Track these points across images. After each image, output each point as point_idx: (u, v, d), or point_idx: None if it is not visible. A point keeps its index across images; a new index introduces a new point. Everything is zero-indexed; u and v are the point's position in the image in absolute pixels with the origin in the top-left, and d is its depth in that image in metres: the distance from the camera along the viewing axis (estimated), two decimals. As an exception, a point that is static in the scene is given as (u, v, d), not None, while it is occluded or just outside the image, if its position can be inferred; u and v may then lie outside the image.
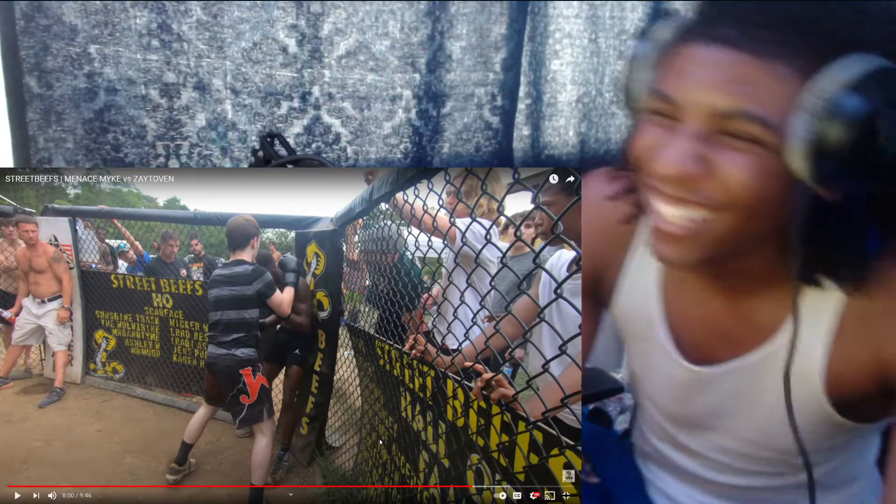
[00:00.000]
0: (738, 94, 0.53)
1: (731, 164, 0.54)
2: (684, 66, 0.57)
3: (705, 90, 0.54)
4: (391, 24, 1.44)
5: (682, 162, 0.55)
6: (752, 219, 0.56)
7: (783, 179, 0.54)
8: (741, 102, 0.53)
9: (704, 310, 0.72)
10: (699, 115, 0.55)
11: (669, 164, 0.56)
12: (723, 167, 0.55)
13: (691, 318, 0.74)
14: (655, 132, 0.59)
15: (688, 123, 0.56)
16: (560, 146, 1.79)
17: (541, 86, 1.70)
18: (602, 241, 0.80)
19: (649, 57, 0.62)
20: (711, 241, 0.58)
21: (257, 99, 1.39)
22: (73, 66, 1.26)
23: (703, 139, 0.55)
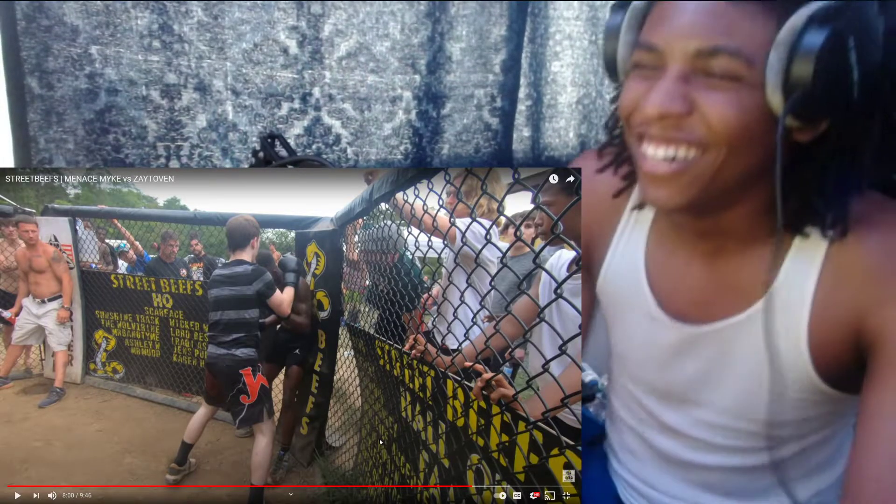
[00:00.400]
0: (718, 33, 0.56)
1: (713, 102, 0.57)
2: (664, 15, 0.61)
3: (686, 32, 0.58)
4: (391, 25, 1.44)
5: (666, 102, 0.58)
6: (734, 156, 0.59)
7: (763, 115, 0.57)
8: (721, 40, 0.56)
9: (688, 274, 0.74)
10: (681, 56, 0.58)
11: (654, 105, 0.59)
12: (705, 105, 0.58)
13: (676, 283, 0.75)
14: (639, 85, 0.62)
15: (671, 67, 0.59)
16: (560, 147, 1.79)
17: (541, 87, 1.71)
18: (592, 216, 0.83)
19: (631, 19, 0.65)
20: (697, 179, 0.61)
21: (258, 100, 1.39)
22: (75, 67, 1.26)
23: (685, 80, 0.58)
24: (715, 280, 0.71)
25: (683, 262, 0.74)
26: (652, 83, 0.60)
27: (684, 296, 0.74)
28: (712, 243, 0.70)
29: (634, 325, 0.80)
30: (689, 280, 0.74)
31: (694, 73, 0.58)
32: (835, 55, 0.54)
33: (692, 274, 0.73)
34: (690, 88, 0.58)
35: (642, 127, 0.62)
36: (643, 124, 0.61)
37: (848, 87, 0.55)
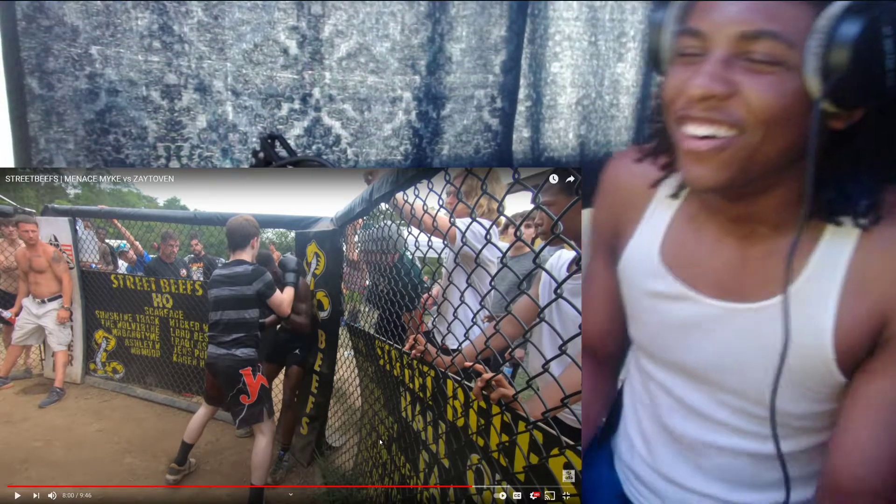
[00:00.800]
0: (761, 18, 0.60)
1: (754, 86, 0.61)
2: (709, 4, 0.64)
3: (731, 18, 0.62)
4: (391, 26, 1.44)
5: (709, 83, 0.62)
6: (771, 138, 0.62)
7: (800, 99, 0.60)
8: (764, 24, 0.60)
9: (715, 256, 0.76)
10: (726, 40, 0.62)
11: (698, 86, 0.62)
12: (746, 88, 0.61)
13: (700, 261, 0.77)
14: (683, 70, 0.66)
15: (715, 51, 0.63)
16: (560, 148, 1.79)
17: (540, 88, 1.71)
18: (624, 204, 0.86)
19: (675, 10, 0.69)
20: (735, 157, 0.63)
21: (258, 100, 1.39)
22: (75, 68, 1.26)
23: (728, 64, 0.62)
24: (743, 264, 0.73)
25: (711, 243, 0.76)
26: (695, 68, 0.64)
27: (709, 275, 0.76)
28: (744, 228, 0.73)
29: (652, 304, 0.81)
30: (716, 261, 0.76)
31: (736, 57, 0.61)
32: (870, 43, 0.57)
33: (720, 256, 0.75)
34: (732, 72, 0.61)
35: (685, 109, 0.65)
36: (686, 106, 0.65)
37: (883, 75, 0.58)
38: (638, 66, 1.82)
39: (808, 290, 0.66)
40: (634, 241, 0.84)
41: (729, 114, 0.62)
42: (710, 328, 0.76)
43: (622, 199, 0.87)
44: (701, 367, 0.78)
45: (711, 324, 0.75)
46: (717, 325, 0.75)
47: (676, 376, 0.82)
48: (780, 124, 0.61)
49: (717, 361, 0.76)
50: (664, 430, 0.85)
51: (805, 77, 0.59)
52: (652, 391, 0.87)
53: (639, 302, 0.84)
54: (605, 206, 0.90)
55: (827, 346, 0.66)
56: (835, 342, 0.66)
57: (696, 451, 0.82)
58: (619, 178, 0.87)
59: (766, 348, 0.70)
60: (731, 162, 0.64)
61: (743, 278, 0.73)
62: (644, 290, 0.82)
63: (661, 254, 0.80)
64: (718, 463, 0.80)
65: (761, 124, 0.61)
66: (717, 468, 0.81)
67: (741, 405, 0.76)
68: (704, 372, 0.78)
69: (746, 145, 0.62)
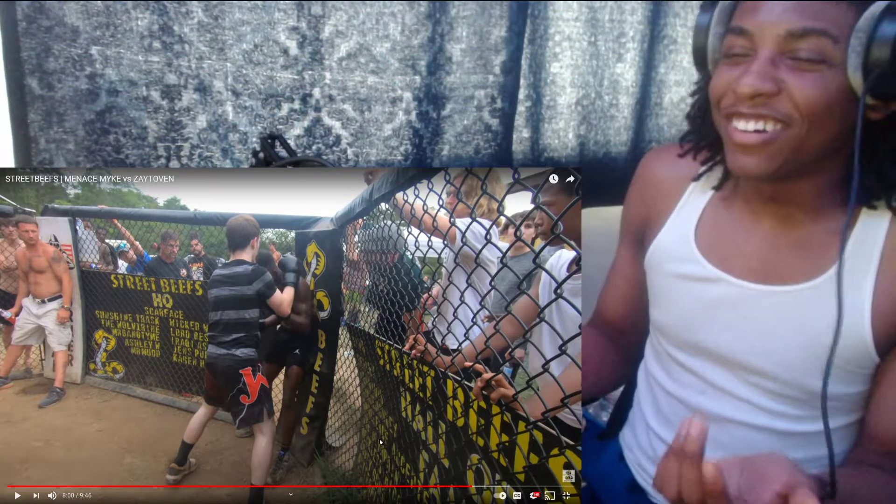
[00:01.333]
0: (807, 16, 0.64)
1: (800, 83, 0.65)
2: (755, 5, 0.68)
3: (777, 17, 0.65)
4: (392, 26, 1.44)
5: (759, 82, 0.66)
6: (816, 130, 0.66)
7: (844, 94, 0.64)
8: (809, 22, 0.63)
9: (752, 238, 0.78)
10: (773, 38, 0.66)
11: (748, 84, 0.66)
12: (792, 86, 0.65)
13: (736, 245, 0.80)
14: (731, 70, 0.70)
15: (762, 50, 0.66)
16: (559, 148, 1.79)
17: (540, 88, 1.71)
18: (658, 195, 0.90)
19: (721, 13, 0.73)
20: (783, 149, 0.68)
21: (258, 101, 1.39)
22: (75, 68, 1.26)
23: (774, 63, 0.66)
24: (778, 247, 0.76)
25: (746, 227, 0.79)
26: (743, 67, 0.68)
27: (744, 260, 0.79)
28: (780, 211, 0.76)
29: (684, 289, 0.84)
30: (751, 245, 0.78)
31: (782, 55, 0.66)
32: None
33: (755, 239, 0.78)
34: (779, 70, 0.66)
35: (735, 107, 0.69)
36: (736, 104, 0.69)
37: None
38: (637, 67, 1.82)
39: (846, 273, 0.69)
40: (666, 228, 0.88)
41: (776, 110, 0.66)
42: (744, 310, 0.78)
43: (658, 192, 0.90)
44: (730, 350, 0.80)
45: (745, 306, 0.78)
46: (751, 307, 0.77)
47: (703, 359, 0.84)
48: (825, 118, 0.65)
49: (749, 343, 0.78)
50: (687, 408, 0.87)
51: (848, 73, 0.63)
52: (675, 374, 0.88)
53: (667, 286, 0.87)
54: (639, 197, 0.94)
55: (865, 327, 0.69)
56: (872, 322, 0.69)
57: (722, 428, 0.82)
58: (657, 171, 0.92)
59: (804, 330, 0.72)
60: (779, 153, 0.68)
61: (778, 261, 0.76)
62: (675, 274, 0.85)
63: (696, 238, 0.83)
64: (744, 440, 0.81)
65: (807, 119, 0.65)
66: (742, 446, 0.81)
67: (773, 387, 0.77)
68: (733, 354, 0.80)
69: (793, 137, 0.66)
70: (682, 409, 0.87)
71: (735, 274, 0.79)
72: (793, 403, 0.76)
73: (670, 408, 0.89)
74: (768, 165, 0.69)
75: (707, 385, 0.83)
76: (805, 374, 0.74)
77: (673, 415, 0.89)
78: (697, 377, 0.84)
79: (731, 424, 0.81)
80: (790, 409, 0.77)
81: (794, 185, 0.72)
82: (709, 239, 0.83)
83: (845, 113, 0.65)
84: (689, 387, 0.86)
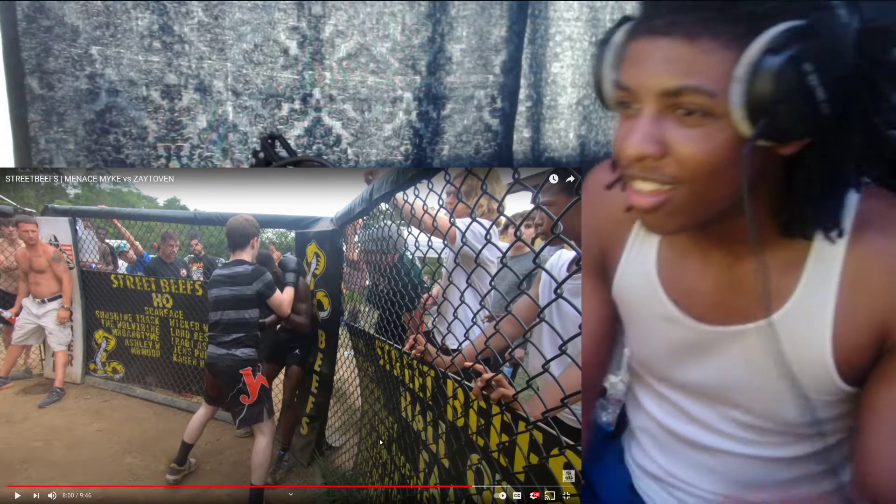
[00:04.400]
0: (678, 73, 0.59)
1: (684, 142, 0.61)
2: (634, 58, 0.64)
3: (650, 74, 0.61)
4: (392, 26, 1.44)
5: (642, 144, 0.62)
6: (714, 185, 0.62)
7: (736, 144, 0.59)
8: (682, 80, 0.59)
9: (706, 278, 0.75)
10: (652, 97, 0.61)
11: (632, 146, 0.62)
12: (677, 145, 0.61)
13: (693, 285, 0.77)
14: (624, 125, 0.66)
15: (646, 107, 0.62)
16: (560, 148, 1.79)
17: (541, 88, 1.71)
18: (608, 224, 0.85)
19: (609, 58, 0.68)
20: (680, 209, 0.64)
21: (258, 100, 1.39)
22: (75, 68, 1.26)
23: (658, 120, 0.62)
24: (733, 284, 0.73)
25: (700, 266, 0.76)
26: (631, 124, 0.64)
27: (703, 298, 0.76)
28: (727, 248, 0.73)
29: (652, 327, 0.81)
30: (707, 283, 0.75)
31: (664, 112, 0.61)
32: (793, 81, 0.55)
33: (709, 278, 0.75)
34: (664, 128, 0.61)
35: (629, 167, 0.65)
36: (627, 165, 0.65)
37: (815, 107, 0.56)
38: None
39: (805, 304, 0.67)
40: (627, 262, 0.84)
41: (662, 173, 0.62)
42: (709, 352, 0.76)
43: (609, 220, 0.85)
44: (702, 386, 0.78)
45: (709, 345, 0.75)
46: (714, 348, 0.75)
47: (680, 392, 0.83)
48: (718, 173, 0.61)
49: (720, 380, 0.76)
50: (673, 435, 0.86)
51: (735, 124, 0.58)
52: (658, 401, 0.87)
53: (636, 321, 0.84)
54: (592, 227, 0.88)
55: (827, 357, 0.66)
56: (834, 352, 0.66)
57: (707, 453, 0.82)
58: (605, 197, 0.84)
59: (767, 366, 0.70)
60: (677, 212, 0.64)
61: (734, 300, 0.73)
62: (641, 311, 0.82)
63: (659, 274, 0.80)
64: (733, 466, 0.80)
65: (695, 180, 0.61)
66: (729, 470, 0.81)
67: (749, 419, 0.76)
68: (707, 390, 0.78)
69: (686, 197, 0.63)
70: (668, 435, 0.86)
71: (696, 314, 0.76)
72: (771, 434, 0.76)
73: (658, 431, 0.89)
74: (670, 224, 0.66)
75: (689, 416, 0.83)
76: (777, 406, 0.72)
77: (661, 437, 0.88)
78: (679, 409, 0.83)
79: (719, 453, 0.80)
80: (770, 437, 0.76)
81: (734, 222, 0.68)
82: (668, 275, 0.79)
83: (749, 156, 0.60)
84: (674, 416, 0.85)
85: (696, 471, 0.84)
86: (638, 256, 0.83)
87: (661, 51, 0.60)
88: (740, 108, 0.57)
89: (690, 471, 0.84)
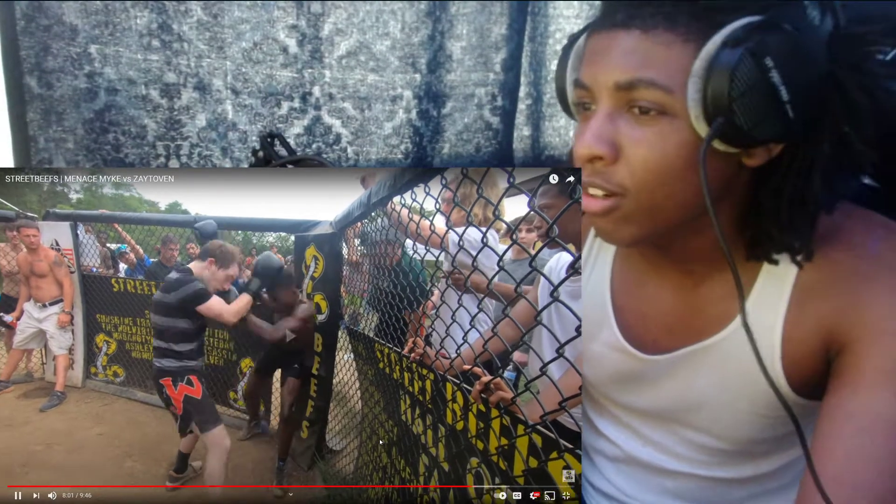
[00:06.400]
0: (633, 66, 0.55)
1: (637, 143, 0.57)
2: (592, 54, 0.60)
3: (606, 68, 0.57)
4: (392, 24, 1.44)
5: (593, 144, 0.58)
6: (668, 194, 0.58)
7: (694, 146, 0.55)
8: (637, 73, 0.55)
9: (659, 301, 0.73)
10: (606, 93, 0.58)
11: (581, 146, 0.59)
12: (629, 149, 0.57)
13: (645, 311, 0.74)
14: (581, 126, 0.62)
15: (601, 105, 0.59)
16: (560, 147, 1.78)
17: (541, 86, 1.70)
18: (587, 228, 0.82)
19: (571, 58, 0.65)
20: (631, 216, 0.60)
21: (258, 99, 1.39)
22: (74, 67, 1.25)
23: (612, 119, 0.58)
24: (686, 305, 0.70)
25: (654, 288, 0.73)
26: (588, 122, 0.60)
27: (654, 323, 0.73)
28: (682, 268, 0.70)
29: (602, 353, 0.78)
30: (660, 306, 0.73)
31: (619, 110, 0.58)
32: (752, 77, 0.51)
33: (663, 300, 0.72)
34: (617, 128, 0.58)
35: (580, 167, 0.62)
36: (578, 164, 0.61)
37: (778, 108, 0.52)
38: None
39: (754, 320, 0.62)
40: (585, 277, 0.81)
41: (610, 181, 0.58)
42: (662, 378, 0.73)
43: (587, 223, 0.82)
44: (658, 410, 0.76)
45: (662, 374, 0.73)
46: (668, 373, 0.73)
47: (635, 417, 0.80)
48: (672, 180, 0.57)
49: (674, 403, 0.74)
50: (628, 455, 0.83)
51: (692, 123, 0.54)
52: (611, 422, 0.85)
53: (589, 344, 0.81)
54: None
55: (778, 371, 0.64)
56: (784, 366, 0.64)
57: (666, 476, 0.80)
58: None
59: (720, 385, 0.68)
60: (627, 220, 0.60)
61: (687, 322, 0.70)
62: (594, 332, 0.79)
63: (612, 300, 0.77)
64: (690, 487, 0.78)
65: (643, 189, 0.57)
66: (690, 492, 0.79)
67: (706, 441, 0.74)
68: (662, 413, 0.76)
69: (637, 204, 0.59)
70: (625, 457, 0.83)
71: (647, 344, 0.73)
72: (728, 455, 0.73)
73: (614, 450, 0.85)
74: (622, 233, 0.61)
75: (646, 439, 0.80)
76: (734, 425, 0.70)
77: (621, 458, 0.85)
78: (635, 432, 0.81)
79: (676, 475, 0.78)
80: (726, 458, 0.74)
81: (689, 243, 0.65)
82: (621, 299, 0.76)
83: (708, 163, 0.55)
84: (631, 440, 0.82)
85: (655, 493, 0.81)
86: (592, 274, 0.80)
87: (617, 44, 0.57)
88: (697, 105, 0.53)
89: (649, 494, 0.82)
